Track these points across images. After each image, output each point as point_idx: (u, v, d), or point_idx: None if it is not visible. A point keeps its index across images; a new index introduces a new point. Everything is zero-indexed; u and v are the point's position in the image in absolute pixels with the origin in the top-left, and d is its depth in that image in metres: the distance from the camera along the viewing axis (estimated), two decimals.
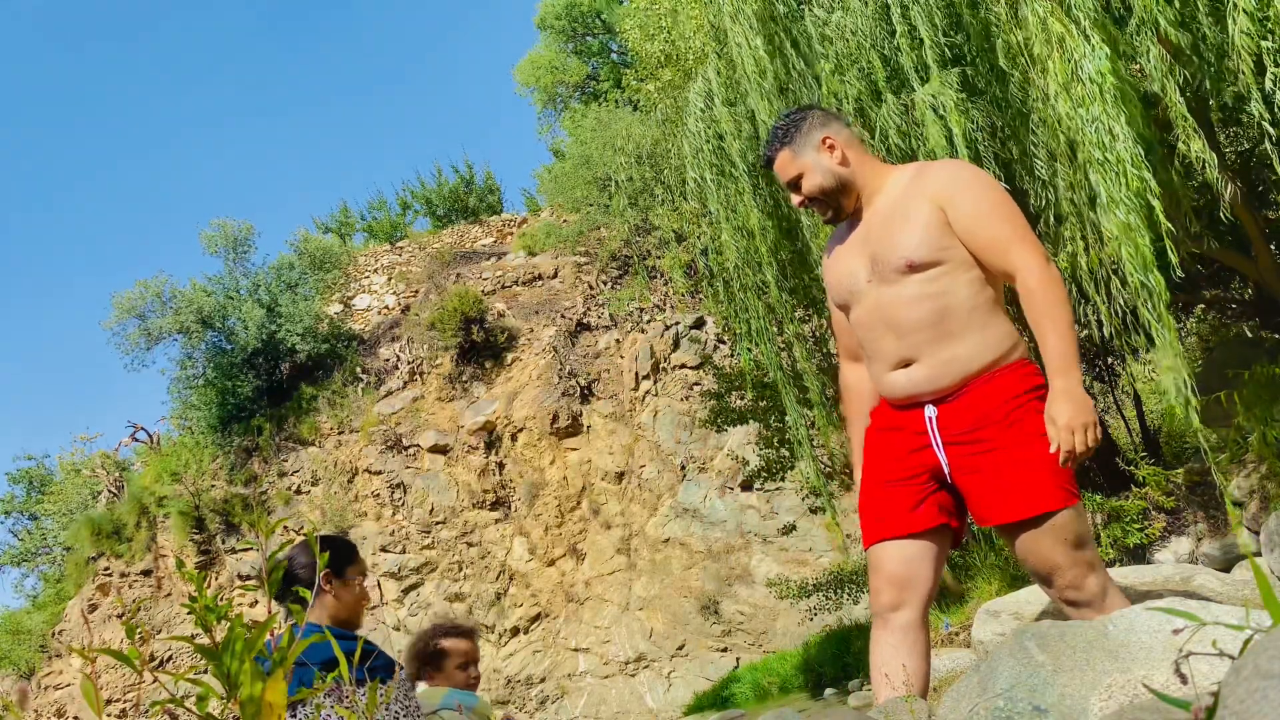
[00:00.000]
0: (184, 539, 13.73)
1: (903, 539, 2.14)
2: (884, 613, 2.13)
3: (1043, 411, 2.04)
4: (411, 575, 12.93)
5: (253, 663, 0.93)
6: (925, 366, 2.10)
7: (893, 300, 2.12)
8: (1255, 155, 5.88)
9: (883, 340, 2.15)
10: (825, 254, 2.40)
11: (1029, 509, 1.99)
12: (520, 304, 14.89)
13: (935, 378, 2.10)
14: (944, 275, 2.09)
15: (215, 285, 14.82)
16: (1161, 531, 5.86)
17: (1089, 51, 3.81)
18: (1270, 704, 0.61)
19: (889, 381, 2.17)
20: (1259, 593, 0.85)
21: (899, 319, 2.11)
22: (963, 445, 2.08)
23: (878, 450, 2.24)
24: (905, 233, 2.11)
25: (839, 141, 2.25)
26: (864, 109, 5.35)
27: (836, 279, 2.29)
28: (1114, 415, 7.81)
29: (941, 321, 2.08)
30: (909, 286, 2.10)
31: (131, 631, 0.95)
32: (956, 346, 2.08)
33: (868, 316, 2.18)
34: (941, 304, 2.08)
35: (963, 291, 2.09)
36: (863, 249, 2.20)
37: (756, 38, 5.37)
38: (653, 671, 11.56)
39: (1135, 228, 3.72)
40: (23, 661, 14.47)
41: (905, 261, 2.09)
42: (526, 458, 13.15)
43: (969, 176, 2.17)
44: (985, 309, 2.11)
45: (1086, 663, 1.34)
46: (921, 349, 2.10)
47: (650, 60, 9.82)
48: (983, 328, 2.10)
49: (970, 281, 2.10)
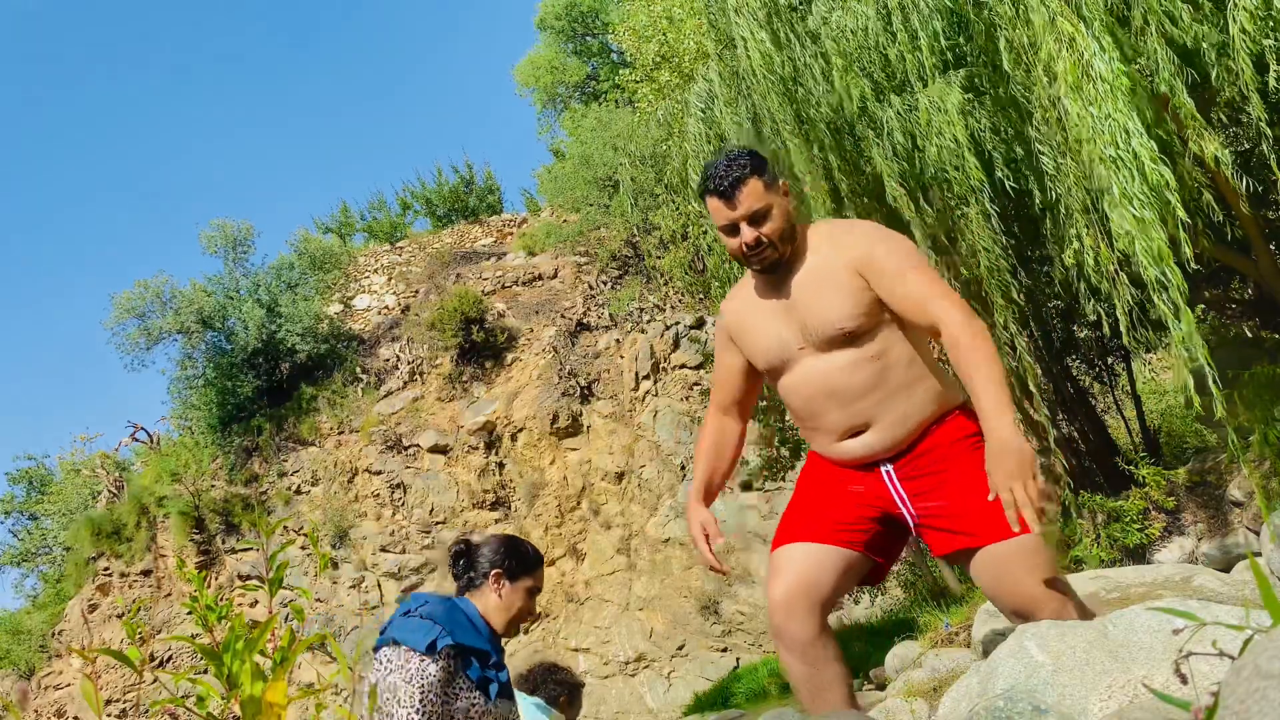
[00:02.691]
0: (184, 539, 13.73)
1: (817, 544, 2.05)
2: (783, 624, 2.01)
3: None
4: (411, 575, 12.93)
5: (253, 663, 0.93)
6: (879, 429, 2.06)
7: (829, 369, 2.06)
8: (1255, 155, 5.88)
9: (826, 412, 2.09)
10: (733, 311, 2.26)
11: (998, 534, 1.94)
12: (520, 304, 14.89)
13: (891, 438, 2.06)
14: (875, 340, 2.05)
15: (215, 285, 14.81)
16: (1161, 531, 5.86)
17: (1099, 50, 3.80)
18: (1270, 704, 0.61)
19: (841, 450, 2.11)
20: (1259, 593, 0.85)
21: (841, 388, 2.05)
22: (922, 484, 2.04)
23: (820, 482, 2.16)
24: (835, 302, 2.05)
25: (790, 191, 2.17)
26: (868, 108, 5.35)
27: (764, 346, 2.16)
28: (1114, 415, 7.80)
29: (885, 383, 2.04)
30: (845, 354, 2.05)
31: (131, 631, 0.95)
32: (904, 403, 2.05)
33: (805, 386, 2.10)
34: (880, 365, 2.04)
35: (898, 350, 2.07)
36: (789, 315, 2.10)
37: (761, 31, 5.37)
38: (653, 671, 11.56)
39: (1150, 222, 3.71)
40: (23, 661, 14.46)
41: (840, 331, 2.03)
42: (526, 458, 13.15)
43: (880, 237, 2.13)
44: (919, 365, 2.10)
45: (1086, 663, 1.34)
46: (871, 414, 2.05)
47: (646, 60, 9.82)
48: (924, 379, 2.08)
49: (899, 343, 2.08)
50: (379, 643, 2.22)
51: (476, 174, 19.89)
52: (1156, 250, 3.71)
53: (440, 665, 2.14)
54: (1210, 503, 5.88)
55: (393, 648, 2.17)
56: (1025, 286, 5.91)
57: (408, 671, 2.12)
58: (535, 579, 2.41)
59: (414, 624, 2.19)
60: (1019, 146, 4.92)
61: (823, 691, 2.01)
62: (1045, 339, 6.71)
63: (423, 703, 2.10)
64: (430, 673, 2.12)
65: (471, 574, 2.38)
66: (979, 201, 4.95)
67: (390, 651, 2.17)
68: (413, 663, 2.13)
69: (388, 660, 2.16)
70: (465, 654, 2.20)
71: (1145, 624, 1.36)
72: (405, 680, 2.11)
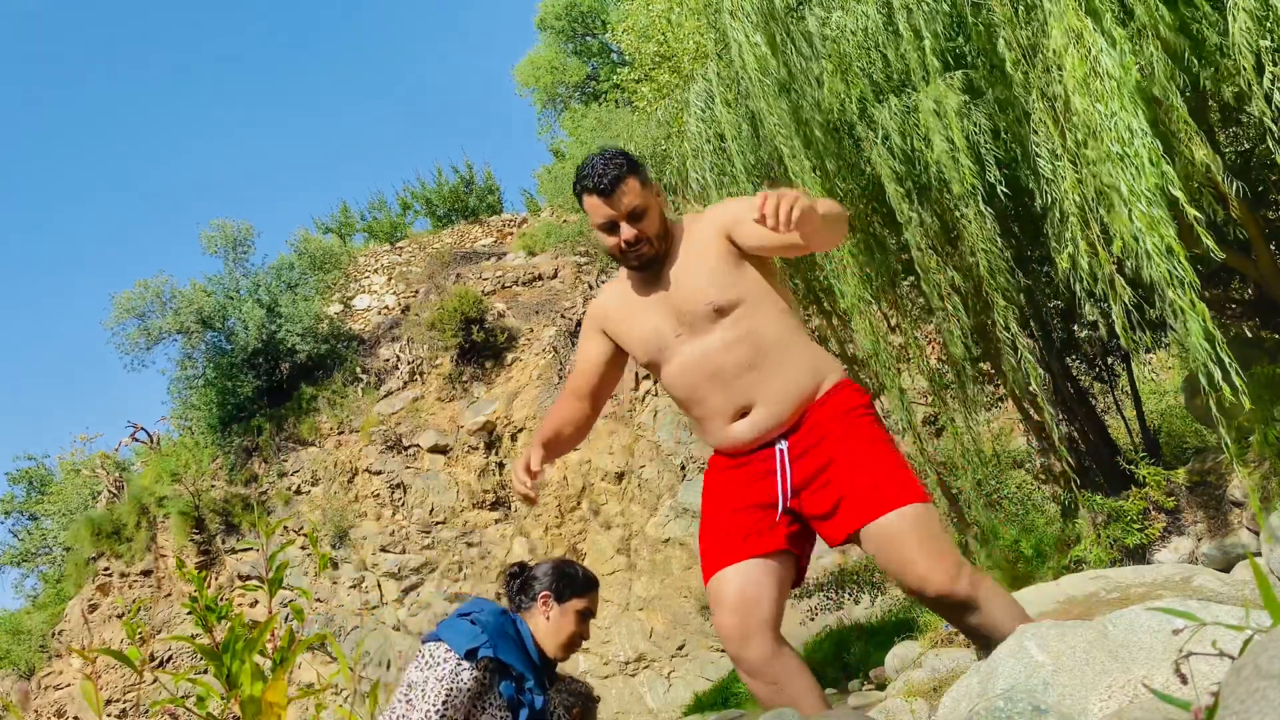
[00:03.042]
0: (184, 539, 13.73)
1: (742, 563, 2.04)
2: (738, 652, 2.00)
3: (876, 423, 2.08)
4: (411, 575, 12.93)
5: (253, 663, 0.93)
6: (764, 407, 2.06)
7: (707, 351, 2.07)
8: (1255, 155, 5.89)
9: (710, 396, 2.09)
10: (607, 306, 2.29)
11: (884, 506, 1.94)
12: (520, 304, 14.89)
13: (777, 414, 2.06)
14: (748, 314, 2.07)
15: (215, 285, 14.81)
16: (1161, 531, 5.86)
17: (1106, 46, 3.79)
18: (1270, 704, 0.61)
19: (732, 434, 2.10)
20: (1259, 593, 0.85)
21: (720, 368, 2.06)
22: (807, 463, 2.03)
23: (718, 489, 2.16)
24: (703, 278, 2.08)
25: (661, 192, 2.22)
26: (866, 109, 5.35)
27: (641, 339, 2.17)
28: (1114, 415, 7.80)
29: (762, 359, 2.05)
30: (718, 333, 2.06)
31: (131, 631, 0.95)
32: (783, 378, 2.06)
33: (686, 374, 2.11)
34: (754, 342, 2.05)
35: (770, 326, 2.08)
36: (663, 305, 2.13)
37: (757, 34, 5.37)
38: (653, 671, 11.56)
39: (1159, 219, 3.71)
40: (23, 661, 14.47)
41: (710, 306, 2.05)
42: None
43: (741, 199, 2.18)
44: (794, 337, 2.11)
45: (1086, 663, 1.34)
46: (754, 391, 2.06)
47: (645, 60, 9.82)
48: (799, 355, 2.09)
49: (773, 315, 2.10)
50: (427, 637, 2.24)
51: (476, 174, 19.89)
52: (1167, 247, 3.69)
53: (474, 675, 2.13)
54: (1210, 503, 5.88)
55: (436, 644, 2.18)
56: (1025, 287, 5.91)
57: (441, 670, 2.12)
58: (587, 601, 2.39)
59: (463, 627, 2.20)
60: (1016, 148, 4.92)
61: (795, 706, 1.98)
62: (1045, 339, 6.71)
63: (445, 704, 2.09)
64: (464, 679, 2.12)
65: (523, 597, 2.38)
66: (977, 202, 4.95)
67: (433, 647, 2.18)
68: (449, 663, 2.13)
69: (429, 654, 2.17)
70: (503, 670, 2.19)
71: (1145, 624, 1.36)
72: (437, 678, 2.11)
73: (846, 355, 6.87)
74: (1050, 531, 6.72)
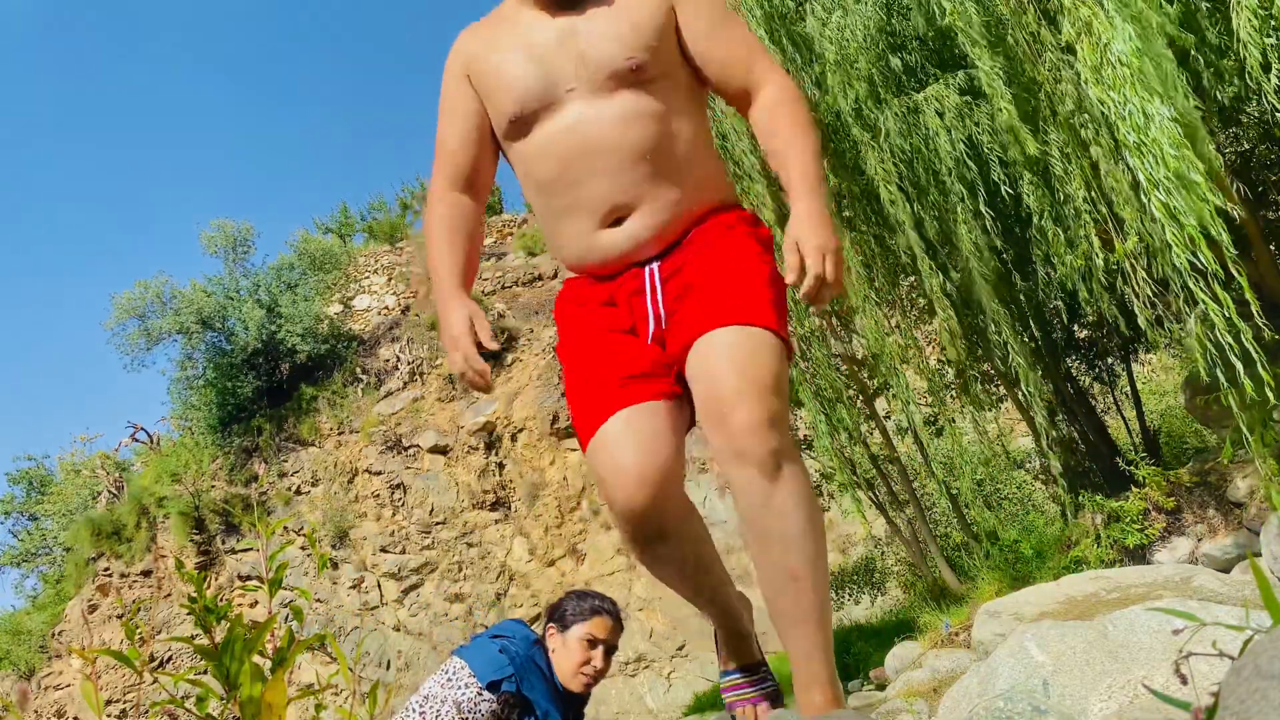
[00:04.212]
0: (184, 539, 13.73)
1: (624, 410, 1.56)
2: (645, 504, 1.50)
3: (758, 237, 1.66)
4: (411, 575, 12.93)
5: (252, 663, 0.93)
6: (645, 215, 1.61)
7: (600, 119, 1.58)
8: (1255, 155, 5.89)
9: (585, 180, 1.60)
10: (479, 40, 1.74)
11: (733, 317, 1.51)
12: (520, 304, 14.90)
13: (656, 226, 1.62)
14: (667, 91, 1.63)
15: (215, 286, 14.81)
16: (1161, 531, 5.86)
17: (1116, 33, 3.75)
18: (1270, 704, 0.61)
19: (599, 243, 1.64)
20: (1259, 593, 0.85)
21: (608, 146, 1.58)
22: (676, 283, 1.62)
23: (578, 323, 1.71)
24: (629, 30, 1.60)
25: None
26: (865, 110, 5.35)
27: (520, 82, 1.62)
28: (1114, 415, 7.80)
29: (660, 151, 1.60)
30: (623, 101, 1.59)
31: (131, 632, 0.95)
32: (679, 185, 1.63)
33: (564, 142, 1.60)
34: (660, 128, 1.60)
35: (683, 118, 1.64)
36: (564, 44, 1.62)
37: (760, 31, 5.38)
38: (653, 672, 11.56)
39: (1179, 211, 3.63)
40: (23, 662, 14.47)
41: (629, 64, 1.58)
42: (526, 458, 13.15)
43: None
44: (704, 140, 1.70)
45: (1086, 663, 1.34)
46: (638, 190, 1.60)
47: None
48: (703, 162, 1.68)
49: (690, 104, 1.68)
50: (456, 650, 2.21)
51: None
52: (1188, 236, 3.62)
53: (493, 709, 2.10)
54: (1210, 503, 5.88)
55: (463, 665, 2.14)
56: (1024, 287, 5.91)
57: (461, 695, 2.09)
58: (589, 627, 2.24)
59: (492, 654, 2.15)
60: (1016, 148, 4.92)
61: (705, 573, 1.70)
62: (1045, 339, 6.71)
63: None
64: (482, 710, 2.09)
65: (546, 627, 2.33)
66: (976, 203, 4.95)
67: (459, 666, 2.14)
68: (470, 690, 2.10)
69: (454, 672, 2.14)
70: (524, 706, 2.15)
71: (1145, 624, 1.36)
72: (455, 701, 2.08)
73: (846, 355, 6.87)
74: (1050, 532, 6.72)
